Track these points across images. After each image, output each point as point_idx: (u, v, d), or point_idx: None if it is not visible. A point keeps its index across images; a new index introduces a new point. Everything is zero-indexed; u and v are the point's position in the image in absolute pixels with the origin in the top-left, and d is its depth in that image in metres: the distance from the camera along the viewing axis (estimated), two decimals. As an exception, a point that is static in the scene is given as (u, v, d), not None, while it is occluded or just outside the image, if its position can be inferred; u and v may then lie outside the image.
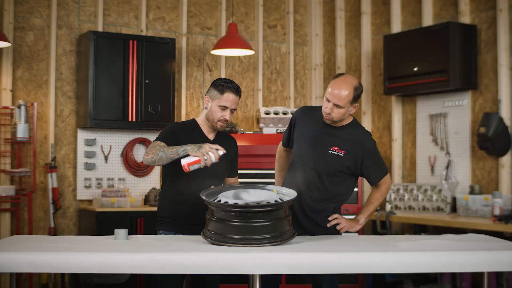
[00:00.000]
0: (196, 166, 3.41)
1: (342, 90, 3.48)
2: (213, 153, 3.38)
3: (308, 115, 3.73)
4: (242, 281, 3.55)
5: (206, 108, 3.70)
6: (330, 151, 3.58)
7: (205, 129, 3.74)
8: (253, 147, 5.82)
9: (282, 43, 7.23)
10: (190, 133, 3.68)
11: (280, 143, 3.92)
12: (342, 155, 3.57)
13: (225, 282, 4.04)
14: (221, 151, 3.42)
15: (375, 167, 3.65)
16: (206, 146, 3.40)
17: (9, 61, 5.84)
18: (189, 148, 3.41)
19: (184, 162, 3.40)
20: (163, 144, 3.55)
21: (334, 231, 3.65)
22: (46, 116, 6.03)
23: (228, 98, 3.63)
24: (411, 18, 6.36)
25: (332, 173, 3.59)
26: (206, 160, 3.37)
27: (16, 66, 5.94)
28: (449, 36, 5.61)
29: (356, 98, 3.53)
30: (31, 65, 6.02)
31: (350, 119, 3.68)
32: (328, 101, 3.51)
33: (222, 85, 3.65)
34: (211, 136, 3.75)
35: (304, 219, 3.63)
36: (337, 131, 3.62)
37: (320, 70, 7.29)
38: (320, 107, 3.65)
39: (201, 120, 3.77)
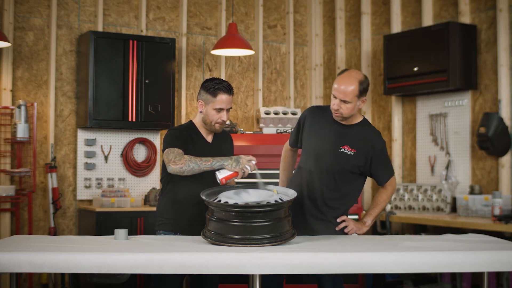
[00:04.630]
0: (233, 179, 3.51)
1: (347, 85, 3.47)
2: (249, 166, 3.46)
3: (318, 114, 3.71)
4: (242, 281, 3.55)
5: (201, 112, 3.68)
6: (341, 150, 3.56)
7: (203, 131, 3.73)
8: (253, 147, 5.81)
9: (282, 43, 7.22)
10: (192, 137, 3.68)
11: (287, 142, 3.90)
12: (352, 153, 3.55)
13: (224, 282, 4.03)
14: (254, 161, 3.50)
15: (384, 167, 3.63)
16: (243, 159, 3.45)
17: (9, 61, 5.84)
18: (226, 163, 3.45)
19: (221, 176, 3.45)
20: (192, 157, 3.49)
21: (342, 232, 3.64)
22: (46, 116, 6.03)
23: (222, 99, 3.61)
24: (411, 18, 6.35)
25: (343, 172, 3.57)
26: (244, 173, 3.46)
27: (16, 66, 5.94)
28: (449, 36, 5.60)
29: (362, 91, 3.51)
30: (31, 65, 6.02)
31: (360, 118, 3.65)
32: (335, 97, 3.50)
33: (213, 87, 3.61)
34: (209, 138, 3.74)
35: (312, 216, 3.61)
36: (347, 129, 3.60)
37: (320, 70, 7.29)
38: (330, 106, 3.63)
39: (198, 123, 3.75)
